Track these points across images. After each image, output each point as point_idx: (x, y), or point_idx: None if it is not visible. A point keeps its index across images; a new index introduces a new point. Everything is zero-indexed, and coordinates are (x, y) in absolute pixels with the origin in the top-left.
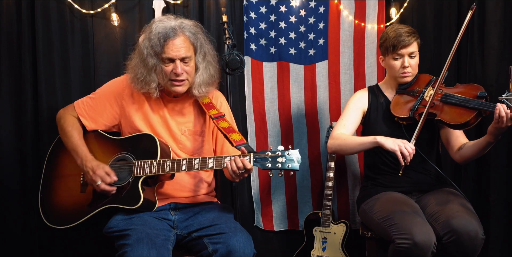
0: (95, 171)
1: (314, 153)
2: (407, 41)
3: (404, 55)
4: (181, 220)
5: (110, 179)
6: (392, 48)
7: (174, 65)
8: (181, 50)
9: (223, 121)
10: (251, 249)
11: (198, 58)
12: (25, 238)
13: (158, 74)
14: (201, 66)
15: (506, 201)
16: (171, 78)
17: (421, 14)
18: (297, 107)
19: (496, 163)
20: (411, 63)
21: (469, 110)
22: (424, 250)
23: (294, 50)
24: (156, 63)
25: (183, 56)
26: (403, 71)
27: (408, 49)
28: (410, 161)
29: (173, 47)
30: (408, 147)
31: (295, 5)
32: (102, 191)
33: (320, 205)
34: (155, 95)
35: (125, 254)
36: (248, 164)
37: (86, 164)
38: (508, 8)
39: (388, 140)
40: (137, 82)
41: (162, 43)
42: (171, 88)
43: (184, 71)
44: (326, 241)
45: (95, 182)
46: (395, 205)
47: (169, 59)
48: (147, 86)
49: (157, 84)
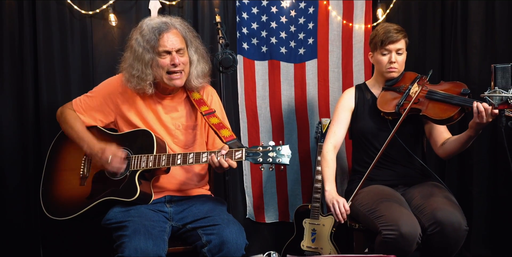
0: (104, 151)
1: (304, 148)
2: (395, 37)
3: (391, 51)
4: (176, 212)
5: (120, 154)
6: (381, 43)
7: (171, 56)
8: (176, 41)
9: (214, 117)
10: (243, 240)
11: (191, 51)
12: (27, 230)
13: (154, 68)
14: (194, 59)
15: (488, 194)
16: (169, 70)
17: (407, 14)
18: (288, 104)
19: (478, 158)
20: (398, 60)
21: (453, 106)
22: (410, 241)
23: (284, 49)
24: (152, 57)
25: (179, 47)
26: (389, 66)
27: (395, 45)
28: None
29: (168, 39)
30: (341, 207)
31: (285, 6)
32: (113, 168)
33: (309, 198)
34: (150, 91)
35: (122, 245)
36: (234, 164)
37: (94, 147)
38: (490, 9)
39: (330, 195)
40: (133, 80)
41: (157, 36)
42: (169, 82)
43: (180, 62)
44: (315, 233)
45: (106, 161)
46: (382, 198)
47: (165, 51)
48: (143, 83)
49: (152, 80)
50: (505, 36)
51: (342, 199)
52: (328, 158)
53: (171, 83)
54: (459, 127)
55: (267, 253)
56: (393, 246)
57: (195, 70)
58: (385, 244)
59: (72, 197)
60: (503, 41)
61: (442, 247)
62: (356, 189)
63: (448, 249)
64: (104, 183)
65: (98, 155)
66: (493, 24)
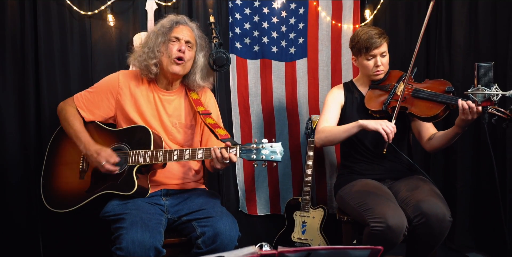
0: (99, 153)
1: (294, 143)
2: (379, 43)
3: (376, 55)
4: (172, 205)
5: (113, 159)
6: (366, 50)
7: (179, 44)
8: (188, 35)
9: (209, 118)
10: (236, 232)
11: (199, 54)
12: (28, 222)
13: (162, 51)
14: (200, 62)
15: (471, 187)
16: (175, 55)
17: (394, 14)
18: (279, 101)
19: (462, 153)
20: (383, 62)
21: (438, 104)
22: (396, 232)
23: (276, 49)
24: (164, 39)
25: (188, 39)
26: (376, 69)
27: (380, 49)
28: (392, 139)
29: (181, 30)
30: (389, 125)
31: (277, 6)
32: (106, 171)
33: (300, 191)
34: (154, 70)
35: (120, 236)
36: (234, 157)
37: (90, 148)
38: (473, 9)
39: (370, 121)
40: (142, 57)
41: (173, 25)
42: (170, 66)
43: (186, 52)
44: (306, 225)
45: (100, 163)
46: (369, 191)
47: (176, 37)
48: (150, 60)
49: (158, 61)
50: (488, 35)
51: (385, 120)
52: (327, 128)
53: (171, 67)
54: (443, 123)
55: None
56: (381, 238)
57: (201, 72)
58: (373, 236)
59: (71, 190)
60: (486, 41)
61: (427, 237)
62: (397, 107)
63: (432, 239)
64: (103, 177)
65: (93, 156)
66: (476, 24)
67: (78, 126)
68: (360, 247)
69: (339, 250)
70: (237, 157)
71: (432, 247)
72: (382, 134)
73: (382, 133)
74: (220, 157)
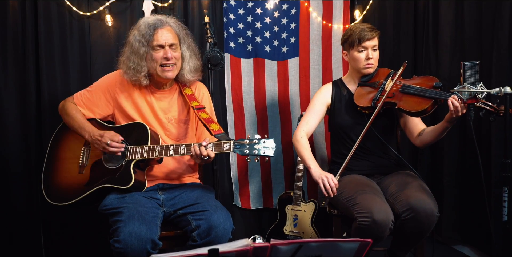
0: (103, 135)
1: (286, 139)
2: (371, 35)
3: (368, 48)
4: (168, 199)
5: (117, 138)
6: (358, 41)
7: (164, 50)
8: (169, 37)
9: (203, 113)
10: (230, 225)
11: (183, 47)
12: (29, 215)
13: (148, 61)
14: (187, 55)
15: (457, 183)
16: (162, 63)
17: (382, 15)
18: (272, 98)
19: (448, 149)
20: (374, 56)
21: (426, 99)
22: (382, 227)
23: (268, 48)
24: (147, 50)
25: (171, 42)
26: (367, 62)
27: (371, 42)
28: (332, 191)
29: (162, 35)
30: (331, 181)
31: (269, 7)
32: (113, 150)
33: (291, 185)
34: (145, 82)
35: (118, 229)
36: (211, 153)
37: (94, 134)
38: (459, 10)
39: (317, 172)
40: (129, 71)
41: (152, 32)
42: (162, 74)
43: (173, 56)
44: (297, 218)
45: (105, 143)
46: (358, 187)
47: (159, 45)
48: (138, 74)
49: (147, 72)
50: (474, 35)
51: (330, 174)
52: (303, 141)
53: (164, 75)
54: (431, 118)
55: (252, 237)
56: (367, 231)
57: (188, 65)
58: (360, 230)
59: (71, 184)
60: (472, 40)
61: (414, 231)
62: (343, 165)
63: (420, 233)
64: (101, 172)
65: (99, 140)
66: (462, 24)
67: (81, 119)
68: (350, 239)
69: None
70: (214, 153)
71: (418, 240)
72: (321, 188)
73: (321, 187)
74: (199, 153)
